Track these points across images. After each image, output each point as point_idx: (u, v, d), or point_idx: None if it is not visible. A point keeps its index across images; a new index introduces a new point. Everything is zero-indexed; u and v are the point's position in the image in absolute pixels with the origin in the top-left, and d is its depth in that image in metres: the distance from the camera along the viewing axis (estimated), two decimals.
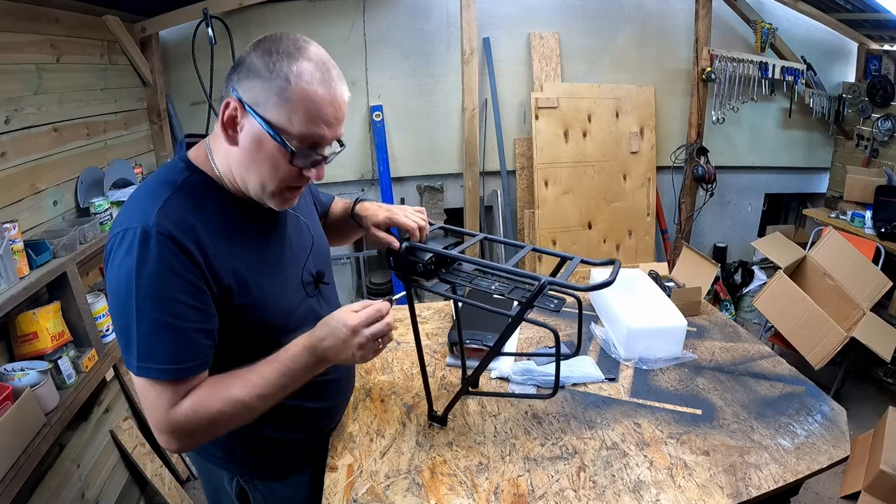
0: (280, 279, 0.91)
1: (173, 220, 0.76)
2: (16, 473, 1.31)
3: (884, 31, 3.25)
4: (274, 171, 0.80)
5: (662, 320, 1.51)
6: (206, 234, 0.79)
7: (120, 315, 0.76)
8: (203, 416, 0.79)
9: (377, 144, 3.20)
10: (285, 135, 0.76)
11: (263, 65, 0.74)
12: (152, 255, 0.74)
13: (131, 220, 0.76)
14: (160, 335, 0.75)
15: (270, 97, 0.74)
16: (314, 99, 0.75)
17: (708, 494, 1.00)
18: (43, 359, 1.55)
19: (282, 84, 0.74)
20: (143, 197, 0.80)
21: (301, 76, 0.74)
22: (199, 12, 2.53)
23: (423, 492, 1.01)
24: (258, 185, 0.81)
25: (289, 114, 0.75)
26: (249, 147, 0.78)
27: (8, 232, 1.43)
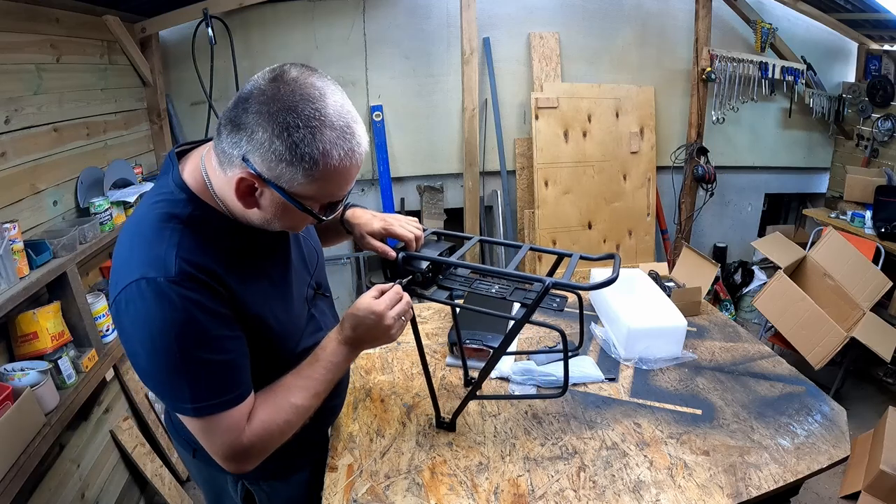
0: (289, 301, 0.93)
1: (192, 263, 0.74)
2: (16, 473, 1.31)
3: (884, 31, 3.25)
4: (300, 224, 0.84)
5: (662, 320, 1.51)
6: (224, 273, 0.77)
7: (160, 369, 0.74)
8: (274, 431, 0.82)
9: (377, 144, 3.20)
10: (311, 203, 0.75)
11: (284, 147, 0.67)
12: (186, 302, 0.71)
13: (147, 267, 0.72)
14: (214, 373, 0.76)
15: (296, 177, 0.70)
16: (342, 172, 0.72)
17: (708, 494, 1.00)
18: (43, 359, 1.54)
19: (308, 167, 0.69)
20: (150, 238, 0.75)
21: (328, 155, 0.69)
22: (199, 12, 2.53)
23: (423, 492, 1.01)
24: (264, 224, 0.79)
25: (316, 189, 0.72)
26: (272, 210, 0.76)
27: (8, 232, 1.43)
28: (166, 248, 0.73)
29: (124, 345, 0.77)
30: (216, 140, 0.74)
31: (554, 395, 1.23)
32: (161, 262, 0.72)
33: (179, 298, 0.71)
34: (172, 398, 0.76)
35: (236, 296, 0.78)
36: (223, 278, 0.76)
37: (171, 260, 0.72)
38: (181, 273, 0.72)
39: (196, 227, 0.77)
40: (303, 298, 0.97)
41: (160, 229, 0.75)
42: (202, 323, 0.73)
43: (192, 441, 1.00)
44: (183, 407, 0.76)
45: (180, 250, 0.73)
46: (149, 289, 0.71)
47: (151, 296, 0.71)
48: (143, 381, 0.79)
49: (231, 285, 0.78)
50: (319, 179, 0.71)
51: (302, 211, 0.74)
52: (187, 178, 0.79)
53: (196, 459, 1.06)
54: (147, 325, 0.72)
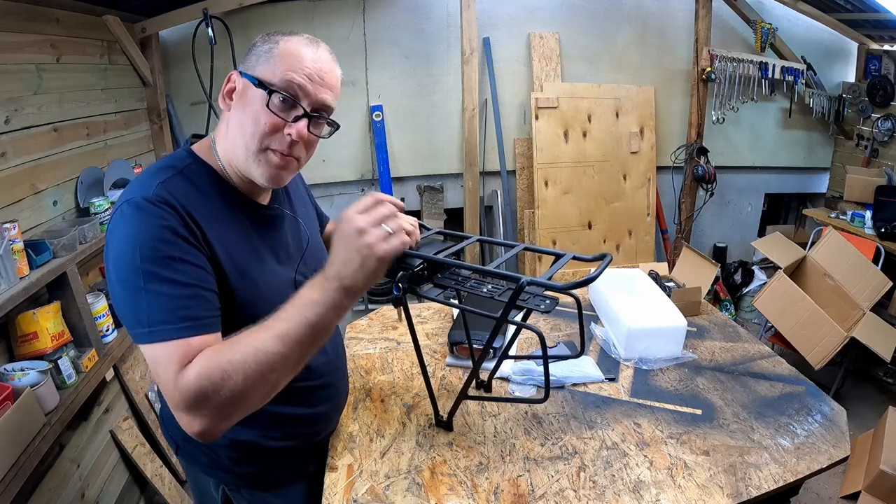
0: (272, 275, 0.90)
1: (172, 194, 0.78)
2: (16, 473, 1.31)
3: (884, 31, 3.25)
4: (255, 122, 0.81)
5: (662, 320, 1.51)
6: (204, 216, 0.80)
7: (125, 285, 0.73)
8: (214, 370, 0.68)
9: (377, 144, 3.20)
10: (266, 83, 0.81)
11: (262, 40, 0.84)
12: (153, 218, 0.74)
13: (131, 194, 0.77)
14: (170, 294, 0.73)
15: (260, 57, 0.83)
16: (295, 52, 0.82)
17: (708, 494, 1.00)
18: (43, 359, 1.54)
19: (271, 45, 0.83)
20: (143, 177, 0.82)
21: (289, 39, 0.83)
22: (199, 12, 2.52)
23: (423, 492, 1.01)
24: (244, 148, 0.83)
25: (272, 66, 0.81)
26: (237, 106, 0.84)
27: (8, 232, 1.43)
28: (153, 181, 0.79)
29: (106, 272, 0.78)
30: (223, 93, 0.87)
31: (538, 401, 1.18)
32: (143, 188, 0.78)
33: (149, 215, 0.74)
34: (134, 323, 0.73)
35: (207, 235, 0.80)
36: (199, 217, 0.79)
37: (152, 187, 0.77)
38: (158, 196, 0.76)
39: (188, 176, 0.83)
40: (288, 280, 0.94)
41: (155, 173, 0.82)
42: (169, 242, 0.74)
43: (176, 437, 1.03)
44: (141, 332, 0.72)
45: (166, 183, 0.79)
46: (127, 207, 0.75)
47: (127, 213, 0.75)
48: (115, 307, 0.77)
49: (204, 225, 0.80)
50: (275, 56, 0.82)
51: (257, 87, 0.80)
52: (195, 146, 0.90)
53: (179, 456, 1.04)
54: (118, 240, 0.75)
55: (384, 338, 1.60)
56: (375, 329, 1.66)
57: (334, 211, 3.35)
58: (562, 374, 1.35)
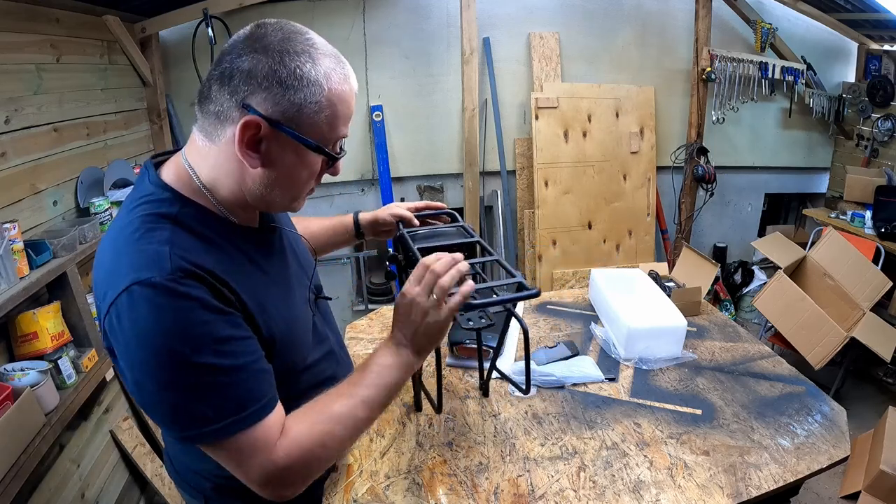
0: (293, 303, 0.85)
1: (189, 260, 0.65)
2: (16, 473, 1.32)
3: (884, 31, 3.25)
4: (296, 181, 0.73)
5: (662, 320, 1.51)
6: (224, 269, 0.69)
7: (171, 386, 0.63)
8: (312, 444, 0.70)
9: (377, 144, 3.20)
10: (323, 143, 0.70)
11: (287, 73, 0.64)
12: (188, 302, 0.63)
13: (138, 270, 0.62)
14: (232, 383, 0.65)
15: (305, 107, 0.66)
16: (345, 100, 0.70)
17: (708, 494, 1.00)
18: (43, 359, 1.55)
19: (314, 92, 0.66)
20: (137, 241, 0.66)
21: (330, 77, 0.67)
22: (199, 12, 2.52)
23: (423, 492, 1.01)
24: (286, 198, 0.74)
25: (323, 121, 0.68)
26: (282, 164, 0.70)
27: (8, 232, 1.43)
28: (157, 246, 0.65)
29: (124, 371, 0.66)
30: (200, 112, 0.70)
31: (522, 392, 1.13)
32: (154, 261, 0.63)
33: (180, 298, 0.62)
34: (190, 425, 0.65)
35: (240, 297, 0.70)
36: (223, 277, 0.68)
37: (164, 257, 0.63)
38: (178, 269, 0.63)
39: (187, 225, 0.69)
40: (305, 301, 0.89)
41: (148, 231, 0.67)
42: (209, 324, 0.64)
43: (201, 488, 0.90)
44: (204, 432, 0.65)
45: (174, 247, 0.65)
46: (143, 294, 0.61)
47: (147, 301, 0.61)
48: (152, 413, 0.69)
49: (232, 285, 0.69)
50: (326, 108, 0.68)
51: (314, 151, 0.69)
52: (167, 177, 0.73)
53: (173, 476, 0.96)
54: (147, 338, 0.62)
55: (384, 338, 1.59)
56: (375, 329, 1.66)
57: (334, 211, 3.35)
58: (562, 374, 1.35)
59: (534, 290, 0.83)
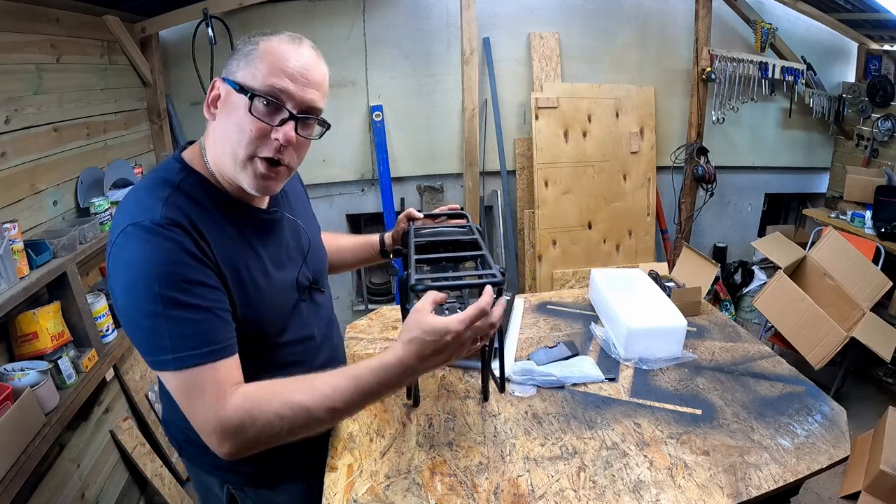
0: (276, 281, 0.91)
1: (180, 212, 0.77)
2: (16, 473, 1.32)
3: (884, 31, 3.25)
4: (240, 130, 0.78)
5: (662, 320, 1.51)
6: (209, 231, 0.79)
7: (143, 312, 0.72)
8: (258, 417, 0.73)
9: (377, 144, 3.20)
10: (248, 88, 0.78)
11: (243, 42, 0.81)
12: (166, 241, 0.73)
13: (135, 215, 0.75)
14: (192, 319, 0.73)
15: (240, 61, 0.79)
16: (276, 52, 0.78)
17: (708, 494, 1.00)
18: (43, 359, 1.55)
19: (251, 47, 0.79)
20: (142, 194, 0.80)
21: (270, 39, 0.80)
22: (199, 12, 2.52)
23: (423, 492, 1.01)
24: (231, 157, 0.80)
25: (253, 69, 0.78)
26: (221, 114, 0.81)
27: (8, 232, 1.43)
28: (155, 200, 0.77)
29: (114, 298, 0.76)
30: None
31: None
32: (148, 209, 0.75)
33: (163, 239, 0.73)
34: (154, 350, 0.73)
35: (215, 252, 0.79)
36: (205, 233, 0.78)
37: (157, 208, 0.76)
38: (166, 217, 0.75)
39: (185, 190, 0.81)
40: (290, 283, 0.95)
41: (152, 189, 0.80)
42: (184, 265, 0.74)
43: (179, 438, 1.02)
44: (164, 360, 0.72)
45: (168, 202, 0.77)
46: (134, 232, 0.73)
47: (136, 238, 0.73)
48: (129, 333, 0.76)
49: (211, 240, 0.79)
50: (256, 58, 0.78)
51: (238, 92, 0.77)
52: (186, 154, 0.87)
53: (182, 457, 1.04)
54: (130, 267, 0.73)
55: (384, 338, 1.60)
56: (375, 329, 1.66)
57: (334, 211, 3.35)
58: (562, 374, 1.35)
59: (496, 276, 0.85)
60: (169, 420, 1.04)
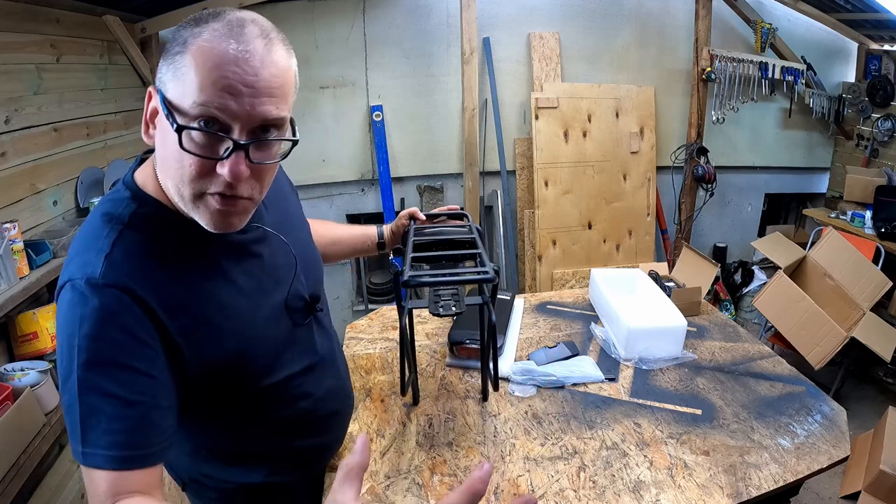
0: (259, 313, 0.77)
1: (123, 267, 0.62)
2: (16, 473, 1.31)
3: (884, 31, 3.25)
4: (179, 167, 0.61)
5: (662, 320, 1.52)
6: (166, 278, 0.65)
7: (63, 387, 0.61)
8: None
9: (377, 144, 3.20)
10: (178, 112, 0.58)
11: (171, 38, 0.60)
12: (98, 311, 0.60)
13: (74, 269, 0.63)
14: (108, 411, 0.60)
15: (168, 70, 0.59)
16: (208, 55, 0.56)
17: (708, 494, 1.00)
18: (43, 359, 1.55)
19: (178, 48, 0.58)
20: (86, 241, 0.65)
21: (200, 35, 0.57)
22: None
23: (423, 492, 1.01)
24: (175, 192, 0.64)
25: (181, 82, 0.57)
26: (158, 138, 0.63)
27: (8, 232, 1.44)
28: (97, 251, 0.63)
29: None
30: None
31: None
32: (89, 263, 0.62)
33: (95, 307, 0.60)
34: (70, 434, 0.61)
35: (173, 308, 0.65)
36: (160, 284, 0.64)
37: (98, 262, 0.62)
38: (105, 277, 0.61)
39: (138, 227, 0.66)
40: (279, 307, 0.81)
41: (98, 231, 0.65)
42: (113, 341, 0.60)
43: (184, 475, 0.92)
44: (74, 447, 0.60)
45: (113, 253, 0.63)
46: (70, 292, 0.62)
47: (68, 300, 0.62)
48: None
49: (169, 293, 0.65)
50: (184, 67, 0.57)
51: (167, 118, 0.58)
52: (138, 175, 0.70)
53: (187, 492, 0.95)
54: (60, 332, 0.62)
55: (384, 338, 1.60)
56: (375, 329, 1.66)
57: (334, 211, 3.35)
58: (562, 374, 1.35)
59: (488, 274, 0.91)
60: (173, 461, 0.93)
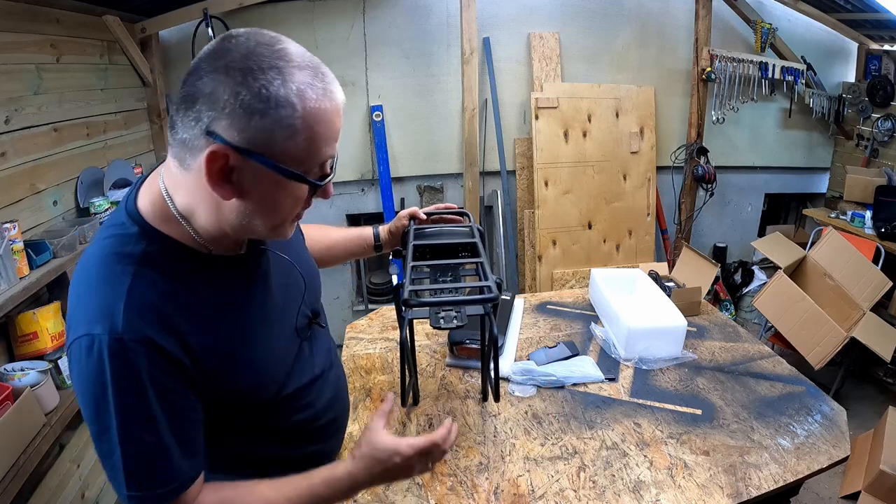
0: (273, 339, 0.80)
1: (145, 317, 0.63)
2: (16, 473, 1.31)
3: (884, 31, 3.25)
4: (291, 210, 0.67)
5: (662, 320, 1.52)
6: (185, 320, 0.66)
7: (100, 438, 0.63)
8: None
9: (377, 144, 3.20)
10: (303, 169, 0.63)
11: (251, 94, 0.57)
12: (131, 369, 0.61)
13: (92, 322, 0.62)
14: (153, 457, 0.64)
15: (276, 132, 0.59)
16: (325, 119, 0.61)
17: (708, 494, 1.00)
18: (43, 359, 1.55)
19: (286, 113, 0.58)
20: (97, 286, 0.64)
21: (304, 94, 0.59)
22: (199, 12, 2.52)
23: (423, 492, 1.01)
24: (268, 227, 0.68)
25: (303, 146, 0.61)
26: (258, 195, 0.64)
27: (8, 232, 1.43)
28: (114, 298, 0.62)
29: None
30: (171, 137, 0.63)
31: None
32: (108, 316, 0.62)
33: (123, 363, 0.61)
34: (112, 478, 0.64)
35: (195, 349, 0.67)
36: (181, 328, 0.66)
37: (118, 315, 0.61)
38: (129, 329, 0.61)
39: (152, 267, 0.65)
40: (291, 329, 0.85)
41: (109, 274, 0.64)
42: (149, 397, 0.63)
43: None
44: (119, 490, 0.64)
45: (130, 300, 0.62)
46: (92, 348, 0.61)
47: (93, 356, 0.61)
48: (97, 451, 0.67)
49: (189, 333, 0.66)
50: (301, 131, 0.59)
51: (292, 179, 0.62)
52: (142, 203, 0.68)
53: None
54: (88, 389, 0.62)
55: (384, 338, 1.60)
56: (375, 329, 1.66)
57: (334, 211, 3.35)
58: (562, 374, 1.35)
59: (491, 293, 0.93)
60: None
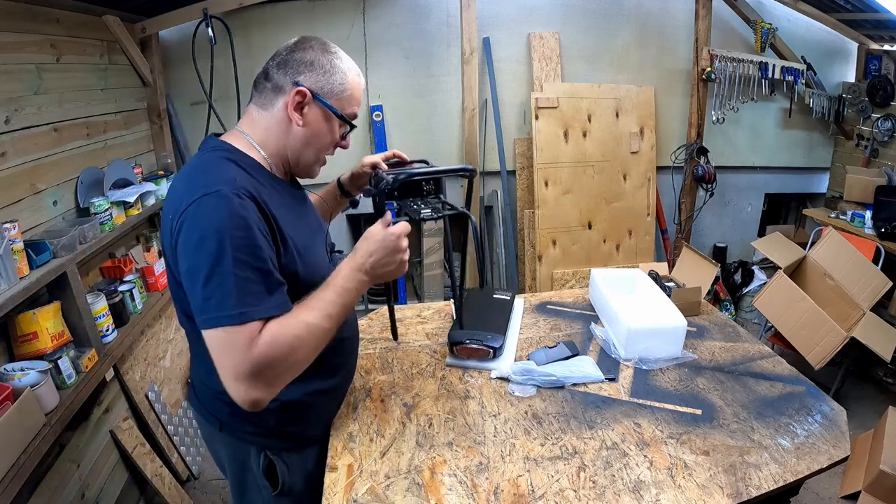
0: (318, 247, 1.07)
1: (250, 190, 0.87)
2: (16, 473, 1.31)
3: (884, 31, 3.25)
4: (329, 144, 1.02)
5: (662, 320, 1.52)
6: (271, 204, 0.91)
7: (213, 269, 0.80)
8: (283, 343, 0.83)
9: (377, 144, 3.20)
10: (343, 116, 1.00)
11: (327, 61, 0.97)
12: (239, 209, 0.83)
13: (210, 185, 0.84)
14: (257, 279, 0.83)
15: (334, 88, 0.98)
16: (358, 88, 1.02)
17: (708, 494, 1.00)
18: (43, 359, 1.54)
19: (341, 78, 0.98)
20: (211, 167, 0.90)
21: (352, 70, 1.01)
22: (199, 12, 2.52)
23: (423, 492, 1.01)
24: (313, 156, 1.01)
25: (341, 101, 0.99)
26: (316, 126, 0.98)
27: (8, 232, 1.43)
28: (227, 173, 0.87)
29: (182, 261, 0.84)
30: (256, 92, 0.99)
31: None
32: (223, 180, 0.85)
33: (239, 206, 0.83)
34: (215, 303, 0.80)
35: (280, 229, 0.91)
36: (271, 209, 0.90)
37: (233, 182, 0.85)
38: (241, 188, 0.85)
39: (246, 167, 0.93)
40: (324, 245, 1.11)
41: (219, 164, 0.90)
42: (254, 231, 0.84)
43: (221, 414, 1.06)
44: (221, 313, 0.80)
45: (239, 179, 0.87)
46: (212, 198, 0.82)
47: (212, 203, 0.82)
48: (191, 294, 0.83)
49: (276, 218, 0.90)
50: (347, 90, 0.99)
51: (337, 117, 0.99)
52: (230, 140, 0.98)
53: (223, 433, 1.07)
54: (204, 227, 0.81)
55: (384, 338, 1.60)
56: (375, 329, 1.66)
57: None
58: (562, 374, 1.35)
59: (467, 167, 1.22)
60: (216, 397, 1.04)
